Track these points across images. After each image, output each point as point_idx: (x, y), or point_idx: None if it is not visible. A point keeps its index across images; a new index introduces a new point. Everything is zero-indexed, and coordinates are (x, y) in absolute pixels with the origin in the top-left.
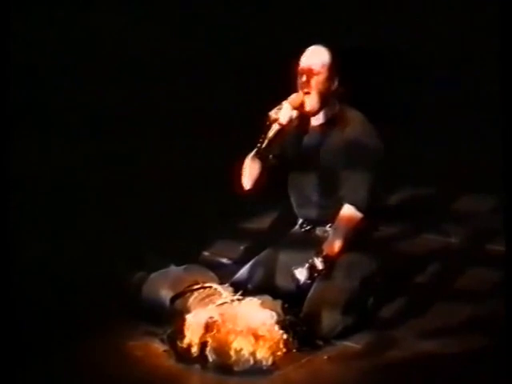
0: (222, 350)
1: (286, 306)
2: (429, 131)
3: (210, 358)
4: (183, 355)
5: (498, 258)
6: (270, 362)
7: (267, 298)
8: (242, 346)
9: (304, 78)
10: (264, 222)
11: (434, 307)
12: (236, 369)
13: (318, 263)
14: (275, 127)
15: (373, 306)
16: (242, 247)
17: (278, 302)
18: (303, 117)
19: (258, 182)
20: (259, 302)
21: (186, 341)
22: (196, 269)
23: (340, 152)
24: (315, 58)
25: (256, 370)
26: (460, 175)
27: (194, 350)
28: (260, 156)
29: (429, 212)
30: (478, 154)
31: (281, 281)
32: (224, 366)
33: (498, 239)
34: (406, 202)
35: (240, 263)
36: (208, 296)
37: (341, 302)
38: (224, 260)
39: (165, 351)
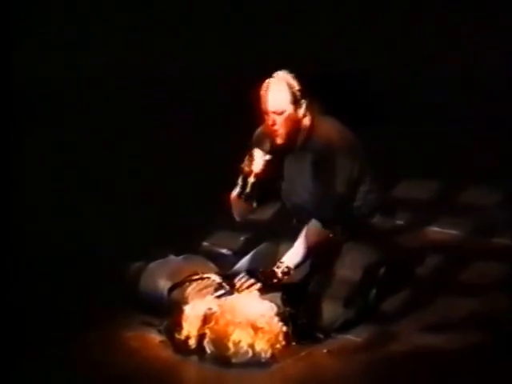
0: (220, 342)
1: (285, 297)
2: (433, 123)
3: (208, 349)
4: (181, 347)
5: (503, 251)
6: (268, 354)
7: None
8: (240, 338)
9: (269, 119)
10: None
11: (436, 301)
12: (234, 361)
13: (279, 274)
14: (251, 180)
15: (375, 299)
16: (242, 238)
17: (278, 294)
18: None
19: (247, 213)
20: (258, 293)
21: (184, 332)
22: (195, 259)
23: (312, 165)
24: (276, 96)
25: (255, 362)
26: (466, 167)
27: (192, 341)
28: (244, 199)
29: (433, 204)
30: (483, 146)
31: None
32: (222, 357)
33: (502, 232)
34: (410, 194)
35: (240, 254)
36: (206, 287)
37: (342, 295)
38: (224, 251)
39: (161, 342)
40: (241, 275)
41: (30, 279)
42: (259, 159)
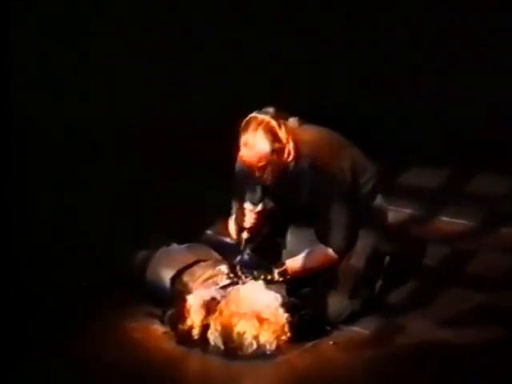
0: (224, 333)
1: (289, 287)
2: (443, 112)
3: (212, 341)
4: (184, 338)
5: None
6: (273, 346)
7: None
8: (245, 330)
9: (255, 172)
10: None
11: (444, 293)
12: (239, 353)
13: (275, 275)
14: (245, 236)
15: (382, 289)
16: None
17: (283, 285)
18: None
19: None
20: (264, 283)
21: (188, 323)
22: (199, 248)
23: (308, 180)
24: (256, 152)
25: (259, 354)
26: (476, 155)
27: (196, 332)
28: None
29: (443, 193)
30: (495, 134)
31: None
32: (226, 349)
33: None
34: (418, 182)
35: None
36: (211, 277)
37: (347, 285)
38: (228, 240)
39: (165, 333)
40: (237, 269)
41: (31, 272)
42: (250, 213)
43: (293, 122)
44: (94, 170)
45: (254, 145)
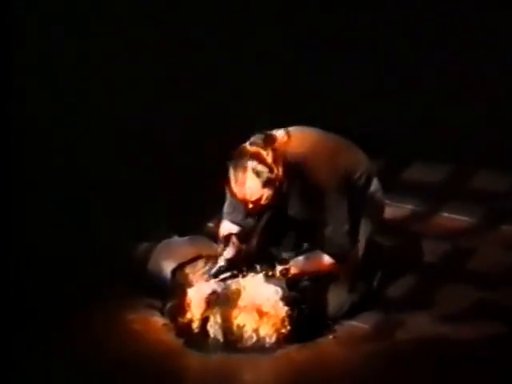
0: (224, 326)
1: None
2: (444, 108)
3: (212, 333)
4: (184, 330)
5: None
6: (273, 339)
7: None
8: (245, 323)
9: (248, 206)
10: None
11: (446, 289)
12: (238, 345)
13: (277, 272)
14: (221, 262)
15: (382, 285)
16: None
17: (283, 278)
18: None
19: None
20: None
21: (188, 315)
22: (200, 240)
23: (301, 192)
24: (249, 191)
25: (259, 347)
26: (477, 152)
27: (196, 325)
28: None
29: (444, 189)
30: (496, 130)
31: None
32: (226, 342)
33: None
34: (420, 178)
35: None
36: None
37: (348, 278)
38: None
39: (164, 325)
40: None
41: (34, 260)
42: (233, 245)
43: (281, 136)
44: (93, 169)
45: (245, 183)
